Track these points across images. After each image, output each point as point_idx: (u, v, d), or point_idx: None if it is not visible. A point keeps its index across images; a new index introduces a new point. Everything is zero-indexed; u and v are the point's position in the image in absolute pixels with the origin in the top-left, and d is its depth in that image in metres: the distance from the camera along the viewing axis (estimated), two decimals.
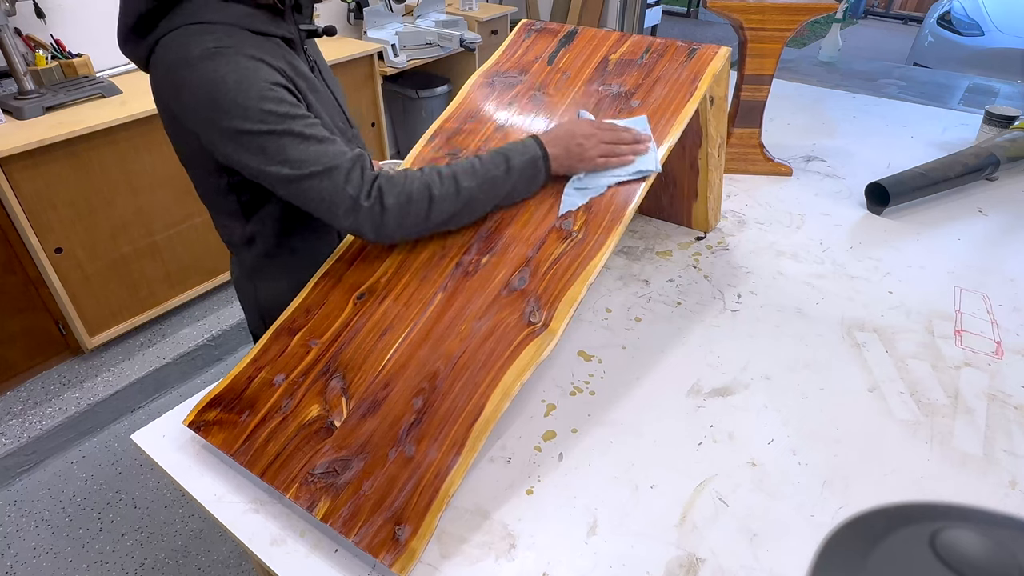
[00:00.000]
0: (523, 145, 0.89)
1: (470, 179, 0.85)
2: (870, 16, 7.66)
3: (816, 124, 1.88)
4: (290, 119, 0.79)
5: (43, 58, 2.02)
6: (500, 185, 0.87)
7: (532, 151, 0.88)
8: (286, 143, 0.79)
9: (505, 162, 0.87)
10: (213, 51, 0.77)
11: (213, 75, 0.77)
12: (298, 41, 0.93)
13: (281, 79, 0.82)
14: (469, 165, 0.86)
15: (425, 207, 0.83)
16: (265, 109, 0.78)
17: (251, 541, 0.74)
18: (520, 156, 0.88)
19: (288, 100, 0.81)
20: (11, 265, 1.84)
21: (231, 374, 0.88)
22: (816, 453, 0.84)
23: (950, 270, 1.21)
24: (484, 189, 0.86)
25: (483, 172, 0.86)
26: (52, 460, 1.92)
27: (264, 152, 0.79)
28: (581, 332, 1.06)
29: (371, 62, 2.67)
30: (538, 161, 0.88)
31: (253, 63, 0.79)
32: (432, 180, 0.83)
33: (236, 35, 0.81)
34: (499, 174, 0.86)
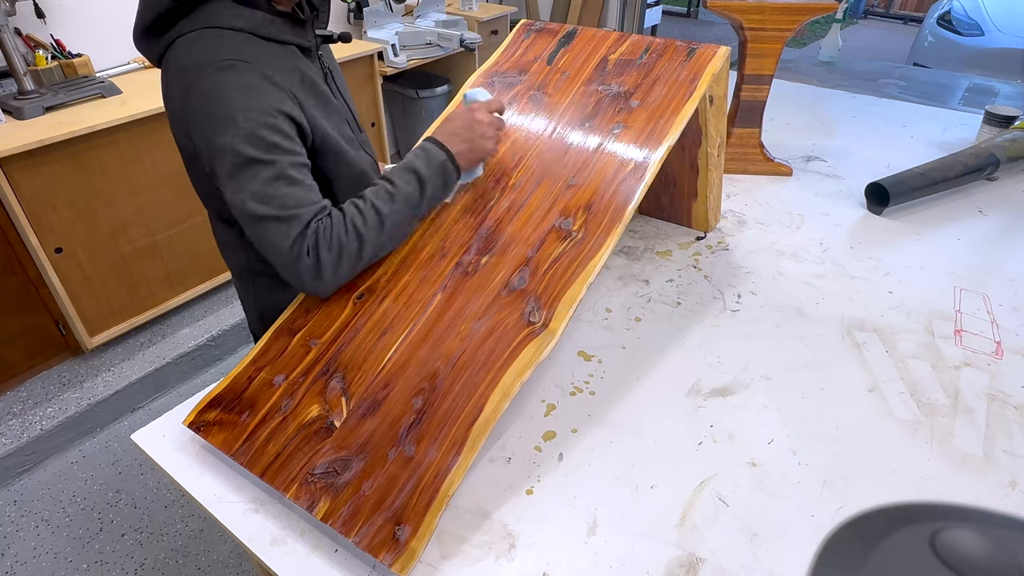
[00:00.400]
0: (426, 153, 0.88)
1: (388, 204, 0.85)
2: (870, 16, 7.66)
3: (816, 124, 1.88)
4: (276, 151, 0.79)
5: (43, 58, 2.02)
6: (416, 201, 0.87)
7: (437, 157, 0.88)
8: (261, 175, 0.79)
9: (415, 177, 0.87)
10: (227, 63, 0.77)
11: (221, 87, 0.77)
12: (314, 49, 0.93)
13: (287, 104, 0.81)
14: (383, 191, 0.86)
15: (356, 247, 0.83)
16: (257, 135, 0.78)
17: (251, 541, 0.74)
18: (428, 166, 0.87)
19: (283, 131, 0.80)
20: (11, 265, 1.84)
21: (231, 374, 0.88)
22: (816, 453, 0.84)
23: (950, 270, 1.21)
24: (403, 210, 0.86)
25: (399, 194, 0.85)
26: (52, 460, 1.92)
27: (238, 177, 0.79)
28: (581, 332, 1.06)
29: (371, 62, 2.67)
30: (446, 165, 0.89)
31: (264, 84, 0.79)
32: (355, 218, 0.83)
33: (254, 45, 0.81)
34: (412, 191, 0.86)
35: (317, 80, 0.91)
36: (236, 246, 1.02)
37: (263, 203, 0.79)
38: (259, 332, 1.14)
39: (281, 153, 0.80)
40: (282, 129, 0.80)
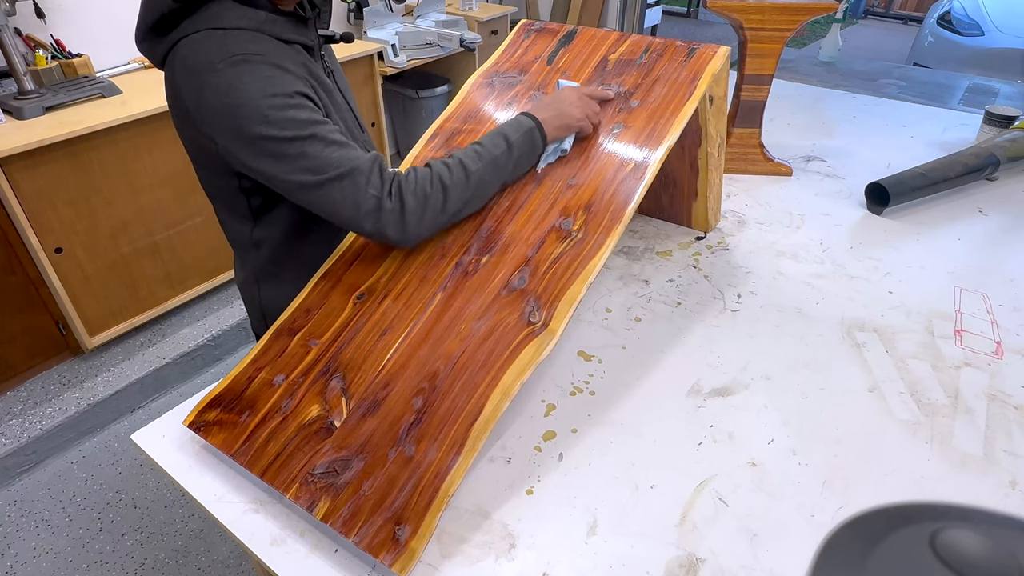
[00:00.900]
0: (517, 121, 0.92)
1: (476, 163, 0.87)
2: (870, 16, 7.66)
3: (816, 124, 1.88)
4: (312, 124, 0.80)
5: (43, 58, 2.02)
6: (504, 163, 0.89)
7: (526, 124, 0.91)
8: (307, 149, 0.79)
9: (504, 140, 0.89)
10: (239, 58, 0.77)
11: (237, 81, 0.77)
12: (317, 48, 0.94)
13: (304, 87, 0.82)
14: (472, 151, 0.88)
15: (441, 199, 0.84)
16: (287, 116, 0.78)
17: (251, 541, 0.74)
18: (516, 132, 0.90)
19: (309, 107, 0.81)
20: (11, 265, 1.84)
21: (231, 374, 0.88)
22: (816, 453, 0.84)
23: (950, 270, 1.21)
24: (490, 170, 0.88)
25: (487, 154, 0.88)
26: (52, 460, 1.92)
27: (285, 158, 0.79)
28: (581, 332, 1.06)
29: (371, 62, 2.67)
30: (533, 132, 0.91)
31: (277, 71, 0.79)
32: (442, 172, 0.85)
33: (261, 41, 0.81)
34: (501, 153, 0.88)
35: (322, 77, 0.92)
36: (248, 245, 1.02)
37: (319, 172, 0.79)
38: (261, 332, 1.14)
39: (316, 125, 0.80)
40: (308, 105, 0.81)
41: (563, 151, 0.96)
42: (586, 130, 0.96)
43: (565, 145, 0.96)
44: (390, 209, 0.81)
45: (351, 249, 0.96)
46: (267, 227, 0.99)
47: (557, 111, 0.93)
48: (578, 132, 0.96)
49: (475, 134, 1.03)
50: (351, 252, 0.96)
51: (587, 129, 0.96)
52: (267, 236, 1.00)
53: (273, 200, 0.96)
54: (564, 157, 0.96)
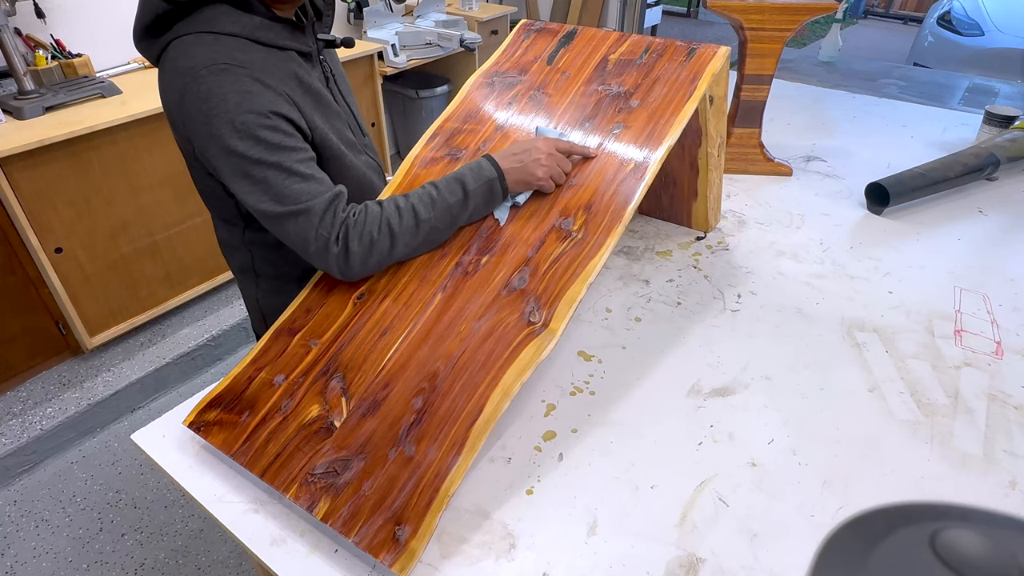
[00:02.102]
0: (479, 168, 0.89)
1: (429, 210, 0.86)
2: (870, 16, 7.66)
3: (816, 124, 1.88)
4: (279, 151, 0.80)
5: (43, 58, 2.02)
6: (458, 212, 0.88)
7: (487, 173, 0.89)
8: (269, 176, 0.80)
9: (461, 188, 0.87)
10: (222, 67, 0.77)
11: (217, 90, 0.77)
12: (315, 53, 0.93)
13: (284, 107, 0.82)
14: (427, 195, 0.87)
15: (388, 244, 0.85)
16: (258, 136, 0.78)
17: (251, 541, 0.74)
18: (475, 180, 0.88)
19: (283, 130, 0.81)
20: (11, 265, 1.84)
21: (231, 374, 0.88)
22: (816, 453, 0.84)
23: (950, 270, 1.21)
24: (443, 218, 0.87)
25: (441, 202, 0.86)
26: (52, 460, 1.92)
27: (248, 179, 0.80)
28: (581, 332, 1.06)
29: (371, 62, 2.67)
30: (494, 183, 0.89)
31: (258, 87, 0.79)
32: (391, 217, 0.84)
33: (249, 51, 0.81)
34: (455, 201, 0.87)
35: (316, 85, 0.91)
36: (238, 246, 1.02)
37: (278, 202, 0.81)
38: (262, 332, 1.14)
39: (285, 152, 0.81)
40: (281, 128, 0.81)
41: (516, 203, 0.93)
42: (546, 190, 0.92)
43: (519, 199, 0.93)
44: (335, 253, 0.83)
45: None
46: (257, 230, 0.98)
47: (522, 165, 0.90)
48: (537, 189, 0.93)
49: (475, 134, 1.03)
50: None
51: (548, 189, 0.92)
52: (257, 239, 1.00)
53: None
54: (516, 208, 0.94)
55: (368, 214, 0.84)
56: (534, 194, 0.93)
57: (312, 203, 0.81)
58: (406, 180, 1.01)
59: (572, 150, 0.94)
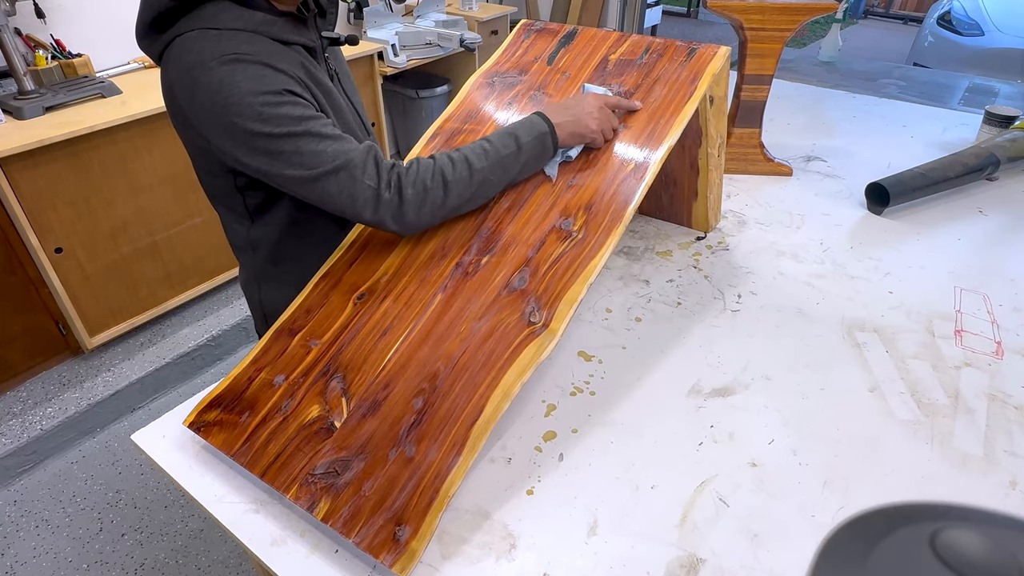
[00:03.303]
0: (530, 122, 0.90)
1: (482, 161, 0.85)
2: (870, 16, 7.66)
3: (816, 124, 1.88)
4: (305, 120, 0.80)
5: (43, 58, 2.02)
6: (511, 164, 0.88)
7: (539, 127, 0.89)
8: (301, 144, 0.79)
9: (515, 141, 0.87)
10: (231, 57, 0.77)
11: (229, 79, 0.77)
12: (319, 49, 0.93)
13: (297, 86, 0.82)
14: (480, 148, 0.87)
15: (441, 193, 0.84)
16: (280, 113, 0.78)
17: (251, 541, 0.74)
18: (528, 134, 0.88)
19: (302, 103, 0.81)
20: (11, 265, 1.84)
21: (231, 375, 0.88)
22: (816, 453, 0.84)
23: (950, 270, 1.21)
24: (496, 170, 0.87)
25: (494, 153, 0.86)
26: (52, 460, 1.92)
27: (280, 155, 0.79)
28: (581, 332, 1.06)
29: (371, 62, 2.67)
30: (545, 137, 0.89)
31: (269, 71, 0.79)
32: (445, 166, 0.84)
33: (256, 42, 0.81)
34: (509, 153, 0.87)
35: (323, 81, 0.91)
36: (244, 246, 1.02)
37: (314, 167, 0.79)
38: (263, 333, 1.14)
39: (309, 121, 0.80)
40: (300, 102, 0.81)
41: (568, 158, 0.94)
42: (598, 143, 0.93)
43: (571, 153, 0.94)
44: (388, 200, 0.81)
45: (351, 249, 0.96)
46: (264, 227, 0.99)
47: (574, 118, 0.90)
48: (589, 143, 0.94)
49: (475, 134, 1.03)
50: (351, 252, 0.96)
51: (599, 143, 0.93)
52: (264, 236, 1.00)
53: (269, 199, 0.95)
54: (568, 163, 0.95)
55: (420, 164, 0.83)
56: (537, 189, 0.93)
57: (351, 157, 0.80)
58: None
59: (620, 104, 0.95)
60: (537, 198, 0.93)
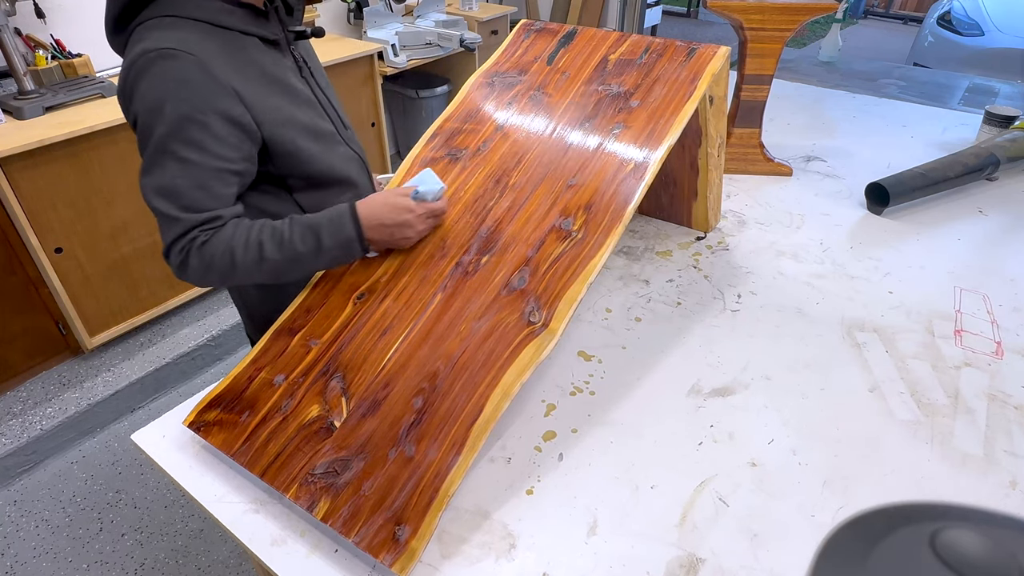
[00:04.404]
0: (339, 225, 0.85)
1: (275, 253, 0.83)
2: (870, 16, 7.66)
3: (816, 124, 1.88)
4: (196, 150, 0.79)
5: (43, 58, 2.02)
6: (308, 261, 0.86)
7: (347, 233, 0.85)
8: (170, 169, 0.79)
9: (316, 241, 0.84)
10: (171, 52, 0.77)
11: (160, 73, 0.77)
12: (283, 42, 0.92)
13: (225, 102, 0.80)
14: (279, 235, 0.84)
15: (226, 271, 0.83)
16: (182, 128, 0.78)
17: (251, 541, 0.74)
18: (332, 237, 0.85)
19: (212, 131, 0.79)
20: (11, 265, 1.84)
21: (231, 374, 0.88)
22: (816, 453, 0.84)
23: (950, 270, 1.21)
24: (288, 264, 0.85)
25: (289, 248, 0.84)
26: (52, 460, 1.92)
27: (152, 164, 0.80)
28: (581, 332, 1.06)
29: (371, 62, 2.67)
30: (352, 244, 0.86)
31: (203, 78, 0.78)
32: (237, 248, 0.82)
33: (208, 35, 0.81)
34: (307, 251, 0.85)
35: (281, 74, 0.89)
36: None
37: (163, 198, 0.80)
38: (252, 334, 1.14)
39: (200, 153, 0.79)
40: (211, 128, 0.79)
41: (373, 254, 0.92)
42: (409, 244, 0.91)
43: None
44: (174, 264, 0.84)
45: None
46: None
47: (391, 236, 0.88)
48: None
49: (475, 134, 1.03)
50: None
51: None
52: None
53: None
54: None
55: (216, 238, 0.82)
56: (537, 189, 0.93)
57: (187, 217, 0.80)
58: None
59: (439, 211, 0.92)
60: (537, 197, 0.93)
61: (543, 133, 1.00)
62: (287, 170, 0.92)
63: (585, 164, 0.95)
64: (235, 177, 0.84)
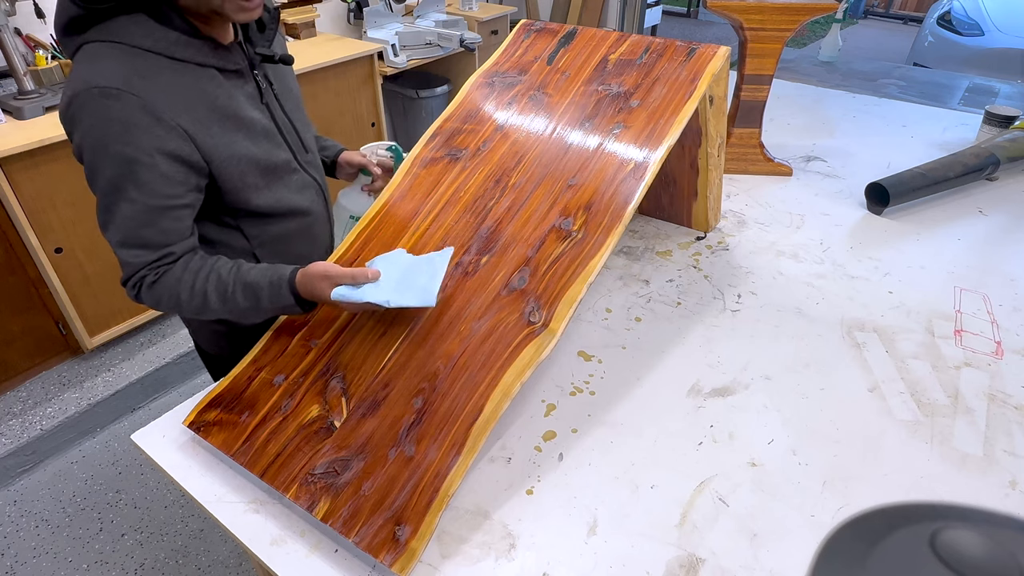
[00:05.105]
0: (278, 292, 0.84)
1: (218, 303, 0.84)
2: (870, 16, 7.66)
3: (816, 124, 1.88)
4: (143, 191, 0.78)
5: (43, 58, 2.02)
6: (250, 315, 0.86)
7: (285, 301, 0.84)
8: (121, 209, 0.79)
9: (256, 300, 0.84)
10: (115, 92, 0.74)
11: (104, 114, 0.75)
12: (246, 70, 0.88)
13: (172, 143, 0.78)
14: (223, 288, 0.84)
15: (174, 309, 0.86)
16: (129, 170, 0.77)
17: (251, 541, 0.74)
18: (271, 301, 0.84)
19: (159, 170, 0.78)
20: (11, 265, 1.84)
21: (231, 374, 0.88)
22: (816, 453, 0.84)
23: (950, 270, 1.21)
24: (232, 313, 0.86)
25: (232, 301, 0.84)
26: (52, 460, 1.91)
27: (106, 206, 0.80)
28: (581, 332, 1.06)
29: (371, 62, 2.67)
30: (292, 309, 0.85)
31: (147, 120, 0.76)
32: (183, 293, 0.83)
33: (155, 71, 0.77)
34: (248, 307, 0.85)
35: (235, 106, 0.86)
36: None
37: (117, 239, 0.82)
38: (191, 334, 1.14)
39: (147, 194, 0.79)
40: (158, 168, 0.78)
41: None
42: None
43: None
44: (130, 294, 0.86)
45: (351, 249, 0.96)
46: None
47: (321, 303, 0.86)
48: None
49: (475, 134, 1.03)
50: (351, 252, 0.96)
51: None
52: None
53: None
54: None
55: (164, 280, 0.83)
56: (537, 189, 0.93)
57: (138, 257, 0.82)
58: (406, 180, 1.01)
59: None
60: (537, 198, 0.93)
61: (543, 133, 1.00)
62: (232, 203, 0.90)
63: (585, 164, 0.95)
64: (186, 210, 0.84)
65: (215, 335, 1.07)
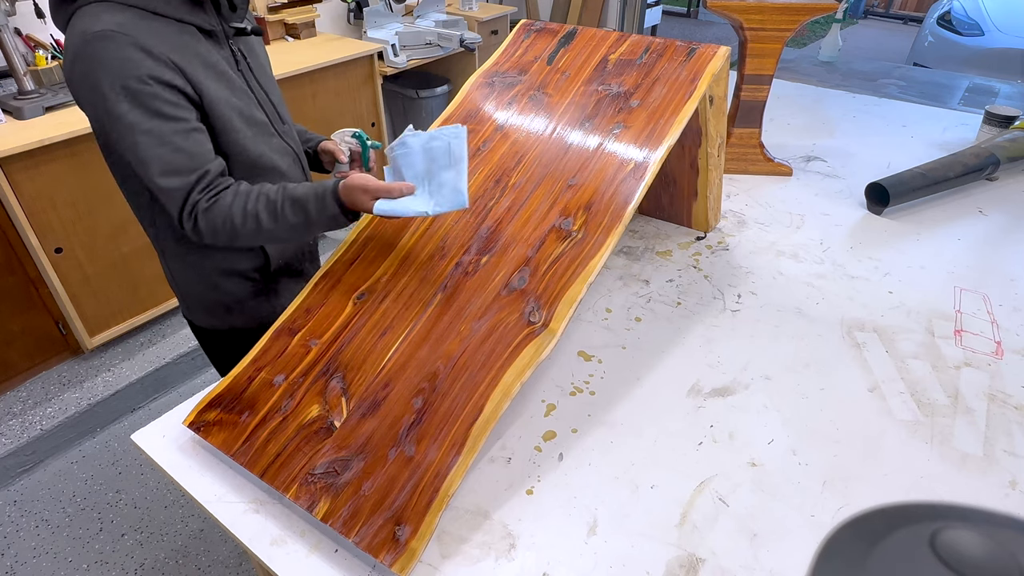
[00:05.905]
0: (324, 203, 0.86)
1: (271, 222, 0.88)
2: (870, 16, 7.66)
3: (816, 124, 1.88)
4: (157, 118, 0.83)
5: (43, 58, 2.02)
6: (301, 230, 0.89)
7: (330, 211, 0.86)
8: (142, 142, 0.83)
9: (304, 215, 0.87)
10: (108, 34, 0.80)
11: (100, 55, 0.80)
12: (221, 35, 0.94)
13: (166, 73, 0.83)
14: (272, 207, 0.87)
15: (231, 236, 0.89)
16: (138, 100, 0.81)
17: (251, 541, 0.74)
18: (319, 213, 0.87)
19: (163, 97, 0.83)
20: (11, 265, 1.84)
21: (231, 374, 0.88)
22: (816, 453, 0.84)
23: (950, 270, 1.21)
24: (285, 231, 0.89)
25: (283, 219, 0.88)
26: (52, 460, 1.92)
27: (129, 142, 0.83)
28: (581, 332, 1.06)
29: (371, 62, 2.67)
30: (338, 218, 0.87)
31: (139, 54, 0.81)
32: (236, 216, 0.87)
33: (142, 20, 0.83)
34: (298, 223, 0.88)
35: (216, 62, 0.91)
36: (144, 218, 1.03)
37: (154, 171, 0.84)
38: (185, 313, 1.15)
39: (159, 119, 0.83)
40: (161, 96, 0.83)
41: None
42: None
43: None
44: (188, 228, 0.89)
45: (351, 249, 0.96)
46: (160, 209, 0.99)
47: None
48: None
49: (475, 134, 1.03)
50: (351, 252, 0.96)
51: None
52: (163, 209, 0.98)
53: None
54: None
55: (218, 205, 0.87)
56: (537, 189, 0.93)
57: (184, 180, 0.85)
58: None
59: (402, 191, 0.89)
60: (537, 198, 0.93)
61: (543, 133, 1.01)
62: (225, 148, 0.93)
63: (585, 164, 0.95)
64: (201, 134, 0.88)
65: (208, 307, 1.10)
